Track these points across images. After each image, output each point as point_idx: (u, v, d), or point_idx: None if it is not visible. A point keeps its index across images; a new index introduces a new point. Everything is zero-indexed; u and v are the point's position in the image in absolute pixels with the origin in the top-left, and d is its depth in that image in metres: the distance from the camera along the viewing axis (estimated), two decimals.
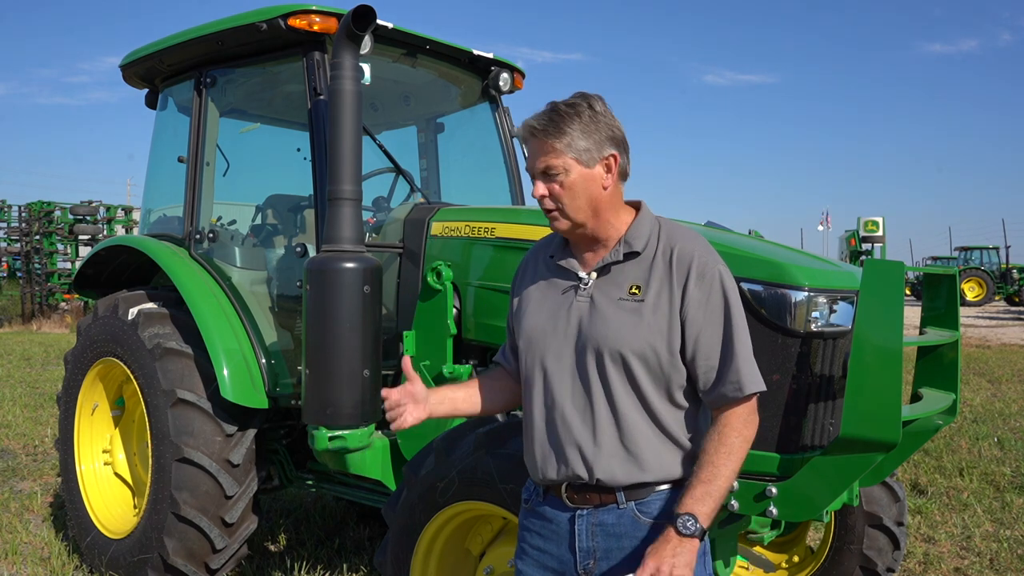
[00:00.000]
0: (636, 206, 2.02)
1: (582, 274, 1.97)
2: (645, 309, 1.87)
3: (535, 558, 2.00)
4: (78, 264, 10.56)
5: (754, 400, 1.90)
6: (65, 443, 4.60)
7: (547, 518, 1.97)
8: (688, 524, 1.76)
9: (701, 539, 1.77)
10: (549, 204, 1.91)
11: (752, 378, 1.87)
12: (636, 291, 1.90)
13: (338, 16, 3.65)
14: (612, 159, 1.91)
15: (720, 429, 1.86)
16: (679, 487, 1.90)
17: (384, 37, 3.88)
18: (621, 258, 1.93)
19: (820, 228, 29.83)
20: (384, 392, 1.95)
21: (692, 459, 1.92)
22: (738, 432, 1.86)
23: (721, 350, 1.87)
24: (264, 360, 3.94)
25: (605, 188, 1.91)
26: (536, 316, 1.99)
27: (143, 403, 4.00)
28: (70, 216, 22.76)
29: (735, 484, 2.59)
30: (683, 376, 1.90)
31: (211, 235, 4.26)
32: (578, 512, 1.92)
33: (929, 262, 37.99)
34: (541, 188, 1.91)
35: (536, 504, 2.01)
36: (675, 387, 1.90)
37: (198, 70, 4.29)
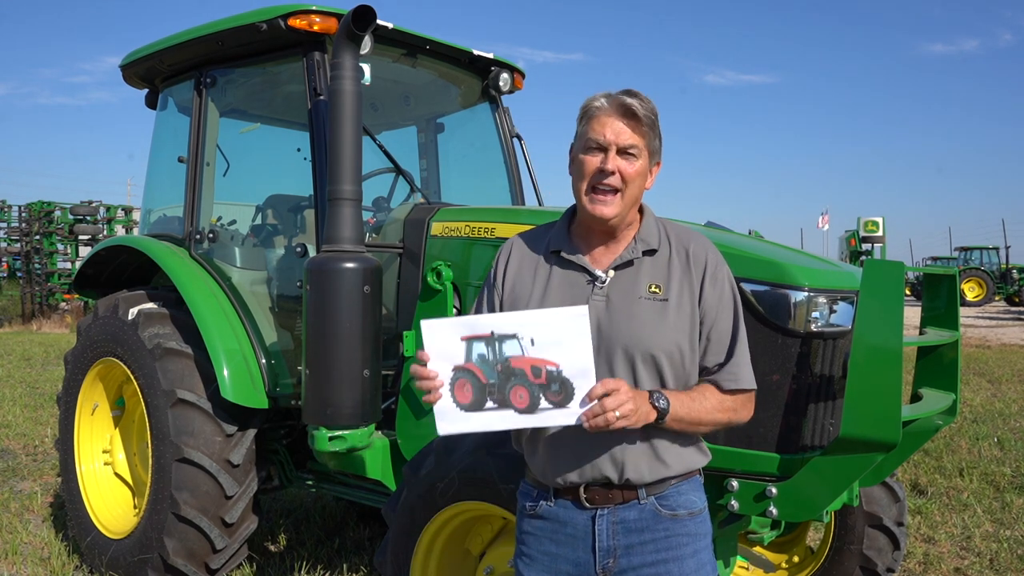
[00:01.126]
0: (639, 207, 2.03)
1: (599, 272, 1.94)
2: (670, 308, 1.89)
3: (545, 564, 1.96)
4: (78, 264, 10.56)
5: (752, 393, 1.97)
6: (65, 443, 4.60)
7: (560, 521, 1.94)
8: (661, 400, 1.80)
9: (656, 420, 1.80)
10: (615, 182, 1.87)
11: (749, 376, 1.95)
12: (657, 290, 1.90)
13: (338, 16, 3.65)
14: (658, 166, 1.98)
15: (723, 393, 1.92)
16: (690, 478, 1.97)
17: (384, 37, 3.88)
18: (640, 255, 1.94)
19: (821, 227, 29.72)
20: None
21: (702, 448, 2.00)
22: (734, 407, 1.94)
23: (728, 346, 1.93)
24: (264, 360, 3.94)
25: (646, 189, 1.97)
26: None
27: (143, 403, 4.00)
28: (70, 216, 22.77)
29: (735, 483, 2.61)
30: (698, 371, 1.94)
31: (211, 235, 4.26)
32: (598, 512, 1.90)
33: (929, 262, 37.98)
34: (615, 163, 1.87)
35: (544, 508, 1.97)
36: (692, 382, 1.94)
37: (198, 70, 4.30)
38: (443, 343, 1.70)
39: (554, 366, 1.68)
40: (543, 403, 1.70)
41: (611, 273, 1.93)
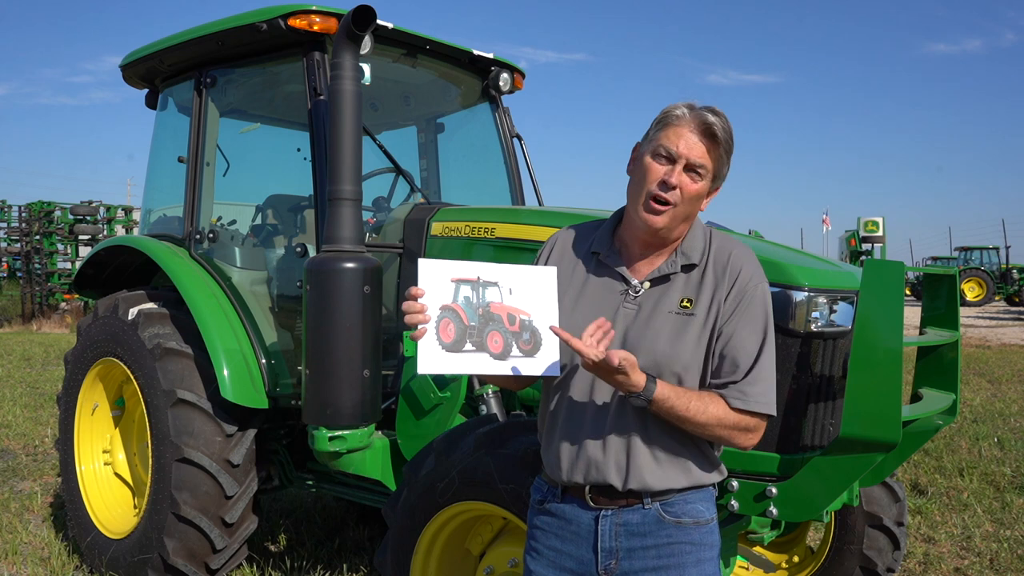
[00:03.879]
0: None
1: (634, 281, 1.92)
2: (695, 323, 1.86)
3: (551, 559, 1.97)
4: (78, 264, 10.56)
5: (761, 420, 1.87)
6: (65, 443, 4.60)
7: (566, 518, 1.94)
8: (650, 385, 1.75)
9: (646, 402, 1.76)
10: (674, 197, 1.83)
11: (763, 399, 1.85)
12: (687, 304, 1.87)
13: (338, 16, 3.65)
14: (716, 191, 1.94)
15: (728, 407, 1.83)
16: (700, 488, 1.93)
17: (384, 37, 3.88)
18: (678, 270, 1.91)
19: (825, 229, 29.65)
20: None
21: (715, 464, 1.95)
22: (736, 426, 1.84)
23: (745, 366, 1.84)
24: (264, 360, 3.94)
25: (700, 211, 1.93)
26: (575, 314, 1.90)
27: (143, 403, 4.00)
28: (70, 216, 22.77)
29: (735, 483, 2.61)
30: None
31: (211, 235, 4.26)
32: (602, 513, 1.90)
33: (929, 262, 37.97)
34: (679, 176, 1.83)
35: (552, 504, 1.97)
36: None
37: (198, 70, 4.30)
38: (435, 282, 1.83)
39: (527, 316, 1.85)
40: (514, 350, 1.83)
41: (646, 285, 1.91)
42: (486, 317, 1.82)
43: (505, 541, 2.82)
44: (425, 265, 1.84)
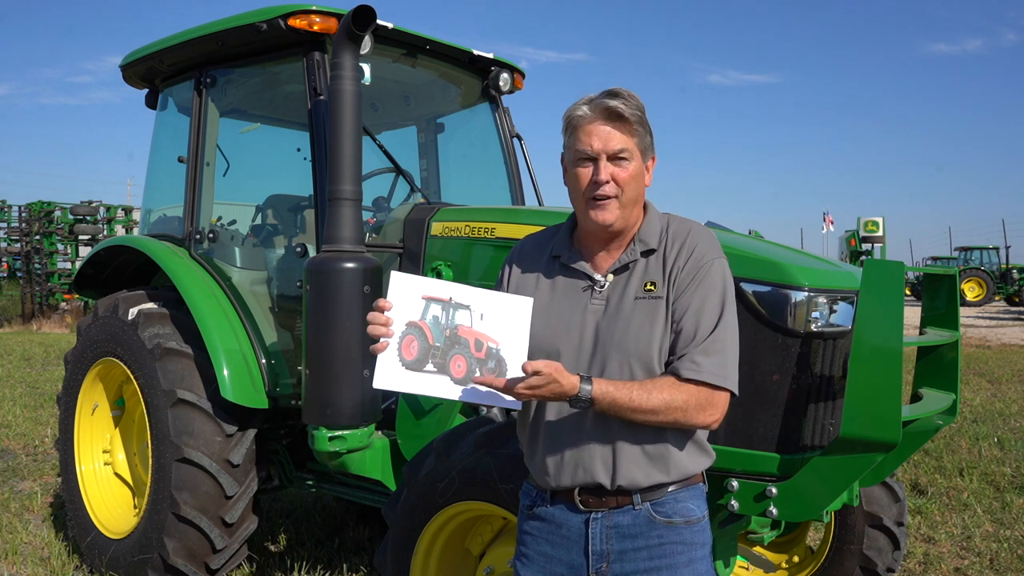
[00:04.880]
0: (643, 204, 2.01)
1: (598, 277, 1.93)
2: (661, 304, 1.86)
3: (541, 564, 1.96)
4: (78, 264, 10.56)
5: (717, 395, 1.81)
6: (65, 443, 4.60)
7: (556, 522, 1.94)
8: (584, 385, 1.74)
9: (587, 402, 1.75)
10: (611, 190, 1.85)
11: (719, 371, 1.80)
12: (651, 287, 1.88)
13: (338, 16, 3.65)
14: (653, 161, 1.96)
15: (678, 383, 1.79)
16: (690, 485, 1.92)
17: (384, 37, 3.88)
18: (638, 256, 1.92)
19: (823, 231, 29.64)
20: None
21: (703, 451, 1.94)
22: (685, 404, 1.78)
23: (699, 335, 1.82)
24: (264, 360, 3.94)
25: (646, 186, 1.94)
26: (545, 319, 1.91)
27: (143, 403, 4.00)
28: (70, 216, 22.78)
29: (735, 483, 2.61)
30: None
31: (211, 235, 4.26)
32: (592, 515, 1.89)
33: (929, 262, 37.96)
34: (607, 172, 1.85)
35: (541, 509, 1.97)
36: None
37: (198, 70, 4.30)
38: (405, 297, 1.79)
39: (495, 344, 1.81)
40: (477, 377, 1.79)
41: (610, 277, 1.92)
42: (452, 339, 1.78)
43: (505, 541, 2.82)
44: (397, 278, 1.80)
